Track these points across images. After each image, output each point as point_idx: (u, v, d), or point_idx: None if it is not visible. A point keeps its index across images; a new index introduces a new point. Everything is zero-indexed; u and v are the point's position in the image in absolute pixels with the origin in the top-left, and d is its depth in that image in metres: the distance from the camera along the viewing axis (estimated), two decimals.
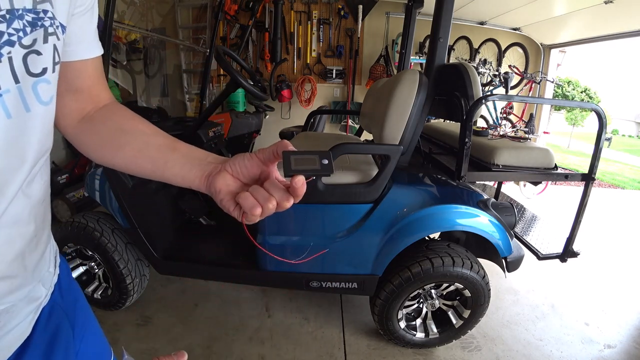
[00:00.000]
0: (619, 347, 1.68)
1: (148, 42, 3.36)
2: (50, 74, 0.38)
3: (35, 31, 0.35)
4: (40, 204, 0.44)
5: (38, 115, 0.38)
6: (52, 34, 0.37)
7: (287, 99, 3.96)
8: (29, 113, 0.37)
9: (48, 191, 0.47)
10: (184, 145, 0.47)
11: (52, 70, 0.39)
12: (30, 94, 0.37)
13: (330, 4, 3.89)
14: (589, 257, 2.53)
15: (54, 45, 0.38)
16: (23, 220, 0.40)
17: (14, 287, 0.41)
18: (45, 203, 0.46)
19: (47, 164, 0.45)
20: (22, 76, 0.35)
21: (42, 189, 0.44)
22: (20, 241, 0.40)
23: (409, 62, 2.32)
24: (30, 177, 0.40)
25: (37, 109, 0.38)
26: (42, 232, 0.46)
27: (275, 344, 1.58)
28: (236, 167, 0.41)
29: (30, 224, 0.42)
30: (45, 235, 0.47)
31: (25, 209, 0.40)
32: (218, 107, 1.69)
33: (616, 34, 3.48)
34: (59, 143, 3.00)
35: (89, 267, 1.66)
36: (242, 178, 0.41)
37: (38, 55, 0.36)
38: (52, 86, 0.40)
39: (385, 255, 1.38)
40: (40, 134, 0.39)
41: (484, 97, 1.27)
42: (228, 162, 0.42)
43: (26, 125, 0.37)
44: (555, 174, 1.45)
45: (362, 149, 1.49)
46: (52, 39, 0.37)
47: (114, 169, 1.43)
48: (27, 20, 0.34)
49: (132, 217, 1.50)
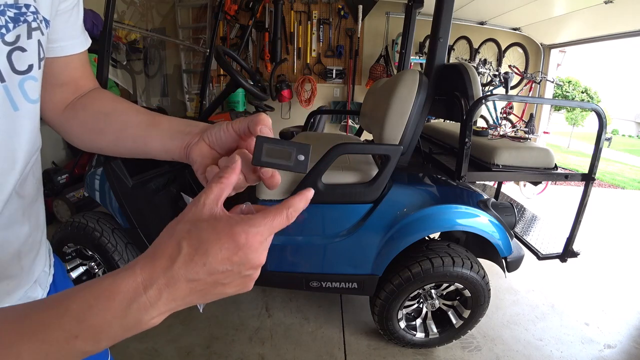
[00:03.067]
0: (619, 347, 1.68)
1: (148, 42, 3.36)
2: (37, 70, 0.38)
3: (18, 27, 0.34)
4: (33, 203, 0.43)
5: (27, 114, 0.37)
6: (36, 29, 0.36)
7: (287, 99, 3.96)
8: (17, 112, 0.36)
9: (41, 189, 0.46)
10: (165, 119, 0.45)
11: (38, 66, 0.38)
12: (18, 92, 0.36)
13: (330, 4, 3.89)
14: (589, 257, 2.53)
15: (39, 41, 0.37)
16: (17, 221, 0.40)
17: (11, 289, 0.41)
18: (38, 202, 0.45)
19: (37, 162, 0.44)
20: (8, 74, 0.34)
21: (35, 188, 0.43)
22: (16, 242, 0.40)
23: (409, 62, 2.32)
24: (22, 177, 0.39)
25: (25, 108, 0.37)
26: (37, 231, 0.45)
27: (275, 344, 1.58)
28: (212, 138, 0.39)
29: (25, 224, 0.41)
30: (40, 234, 0.47)
31: (19, 210, 0.40)
32: (218, 107, 1.69)
33: (616, 34, 3.48)
34: (59, 143, 3.00)
35: (89, 267, 1.66)
36: (218, 149, 0.39)
37: (23, 51, 0.35)
38: (39, 83, 0.39)
39: (385, 255, 1.38)
40: (30, 133, 0.38)
41: (484, 97, 1.27)
42: (206, 132, 0.40)
43: (15, 125, 0.36)
44: (555, 174, 1.45)
45: (362, 149, 1.49)
46: (36, 34, 0.36)
47: (113, 169, 1.43)
48: (9, 16, 0.33)
49: (132, 217, 1.50)
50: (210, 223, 0.27)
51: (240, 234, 0.26)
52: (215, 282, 0.27)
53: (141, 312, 0.25)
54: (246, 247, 0.27)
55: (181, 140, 0.41)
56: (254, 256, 0.27)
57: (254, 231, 0.27)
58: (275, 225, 0.28)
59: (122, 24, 2.55)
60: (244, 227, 0.27)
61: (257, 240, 0.27)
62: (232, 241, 0.26)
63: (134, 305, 0.25)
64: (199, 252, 0.26)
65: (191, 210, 0.28)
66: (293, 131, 2.74)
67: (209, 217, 0.28)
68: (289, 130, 2.81)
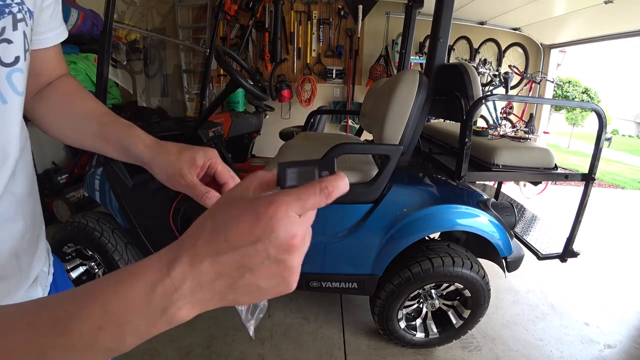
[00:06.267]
0: (619, 347, 1.68)
1: (148, 42, 3.35)
2: (23, 62, 0.37)
3: (3, 18, 0.34)
4: (26, 199, 0.42)
5: (15, 107, 0.37)
6: (21, 20, 0.36)
7: (287, 99, 3.96)
8: (5, 105, 0.36)
9: (35, 186, 0.46)
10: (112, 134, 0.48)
11: (24, 58, 0.38)
12: (5, 85, 0.35)
13: (330, 4, 3.89)
14: (589, 257, 2.53)
15: (24, 32, 0.37)
16: (10, 218, 0.40)
17: (11, 288, 0.40)
18: (32, 198, 0.45)
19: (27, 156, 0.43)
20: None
21: (26, 183, 0.43)
22: (11, 240, 0.40)
23: (409, 62, 2.32)
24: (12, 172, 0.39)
25: (13, 100, 0.37)
26: (33, 228, 0.45)
27: (275, 344, 1.58)
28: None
29: (19, 221, 0.41)
30: (37, 231, 0.46)
31: (11, 207, 0.39)
32: (218, 107, 1.69)
33: (616, 34, 3.48)
34: (59, 143, 3.00)
35: (89, 267, 1.65)
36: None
37: (9, 43, 0.35)
38: (25, 75, 0.39)
39: (385, 255, 1.38)
40: (17, 125, 0.38)
41: (484, 97, 1.28)
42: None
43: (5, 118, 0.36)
44: (555, 174, 1.45)
45: (362, 149, 1.49)
46: (21, 26, 0.36)
47: (113, 169, 1.43)
48: None
49: (132, 217, 1.50)
50: (236, 202, 0.25)
51: (263, 203, 0.23)
52: (241, 266, 0.23)
53: (166, 299, 0.23)
54: (267, 216, 0.23)
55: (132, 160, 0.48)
56: (281, 228, 0.23)
57: (278, 200, 0.23)
58: (305, 198, 0.24)
59: (122, 24, 2.55)
60: (268, 197, 0.24)
61: (283, 209, 0.23)
62: (253, 211, 0.23)
63: (158, 289, 0.23)
64: (222, 227, 0.23)
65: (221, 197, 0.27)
66: (293, 131, 2.74)
67: (236, 198, 0.25)
68: (289, 130, 2.81)
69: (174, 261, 0.23)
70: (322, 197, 0.25)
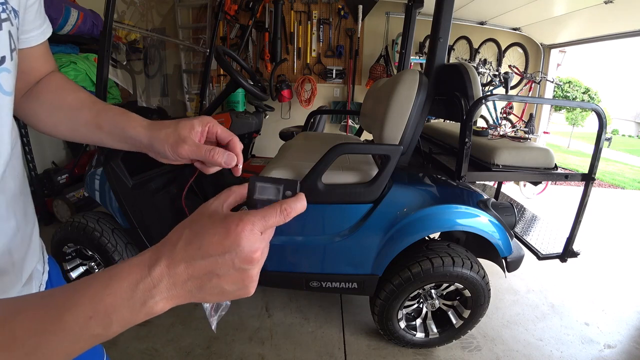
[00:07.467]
0: (619, 347, 1.68)
1: (148, 42, 3.35)
2: (9, 62, 0.37)
3: None
4: (17, 197, 0.43)
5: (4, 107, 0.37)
6: (6, 20, 0.36)
7: (287, 99, 3.96)
8: None
9: (25, 183, 0.46)
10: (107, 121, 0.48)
11: (10, 58, 0.38)
12: None
13: (330, 4, 3.89)
14: (589, 257, 2.53)
15: (9, 32, 0.37)
16: (2, 216, 0.40)
17: (5, 286, 0.41)
18: (24, 196, 0.45)
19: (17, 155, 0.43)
20: None
21: (16, 182, 0.43)
22: (4, 238, 0.40)
23: (409, 62, 2.32)
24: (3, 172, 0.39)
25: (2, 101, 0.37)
26: (25, 226, 0.45)
27: (275, 344, 1.58)
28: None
29: (10, 220, 0.41)
30: (30, 229, 0.46)
31: (2, 205, 0.40)
32: (218, 107, 1.69)
33: (616, 34, 3.48)
34: (59, 143, 3.00)
35: (89, 267, 1.66)
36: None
37: None
38: (13, 74, 0.39)
39: (385, 255, 1.38)
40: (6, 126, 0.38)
41: (484, 97, 1.27)
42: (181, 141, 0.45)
43: None
44: (555, 174, 1.45)
45: (362, 149, 1.49)
46: (6, 25, 0.36)
47: (114, 169, 1.43)
48: None
49: (132, 217, 1.50)
50: (211, 216, 0.30)
51: (233, 221, 0.28)
52: (210, 272, 0.28)
53: (146, 294, 0.27)
54: (236, 232, 0.28)
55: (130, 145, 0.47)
56: (246, 243, 0.28)
57: (245, 219, 0.29)
58: (268, 218, 0.30)
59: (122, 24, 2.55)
60: (238, 216, 0.29)
61: (248, 228, 0.28)
62: (224, 226, 0.28)
63: (141, 285, 0.27)
64: (197, 237, 0.28)
65: (199, 209, 0.31)
66: (293, 131, 2.74)
67: (212, 212, 0.30)
68: (289, 130, 2.81)
69: (155, 263, 0.28)
70: (281, 217, 0.30)
